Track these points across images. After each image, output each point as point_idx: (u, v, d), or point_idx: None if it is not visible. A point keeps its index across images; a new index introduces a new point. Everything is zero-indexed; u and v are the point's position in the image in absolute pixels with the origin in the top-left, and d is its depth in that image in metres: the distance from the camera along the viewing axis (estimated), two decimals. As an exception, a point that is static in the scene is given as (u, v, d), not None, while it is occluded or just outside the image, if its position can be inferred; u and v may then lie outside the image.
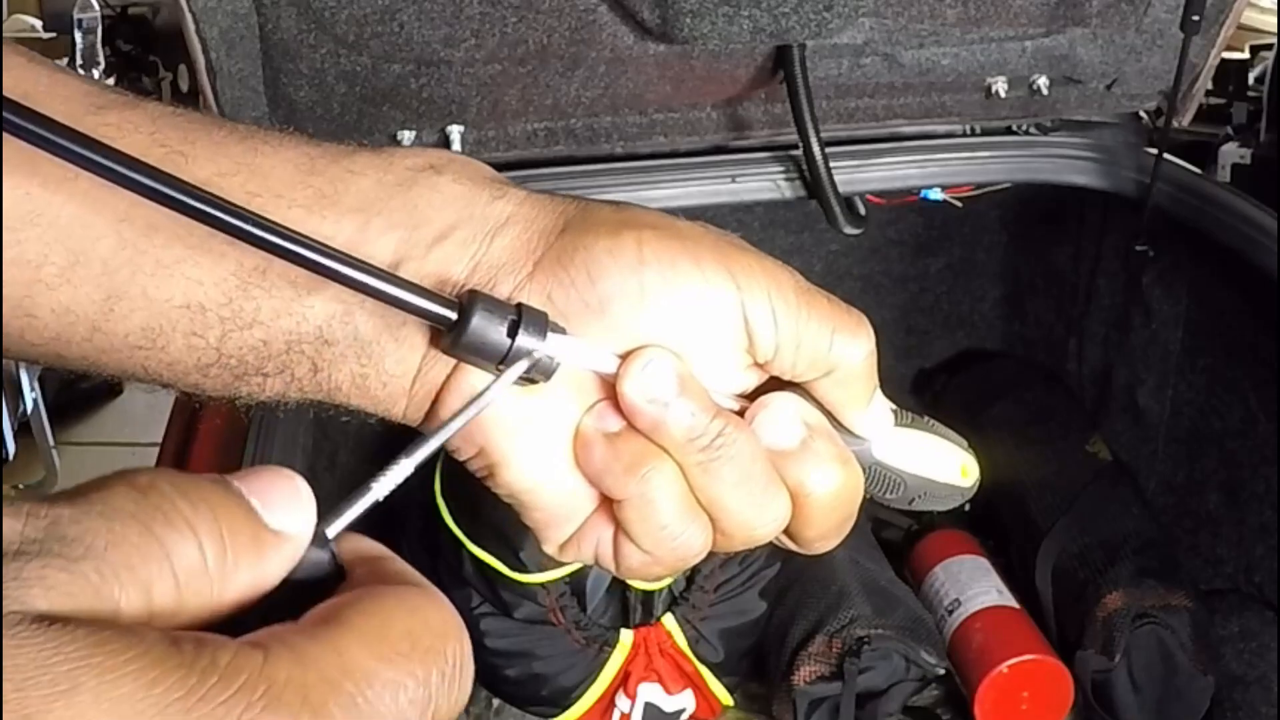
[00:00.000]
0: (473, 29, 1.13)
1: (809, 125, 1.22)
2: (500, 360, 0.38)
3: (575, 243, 0.39)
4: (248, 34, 1.10)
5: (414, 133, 1.24)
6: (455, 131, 1.25)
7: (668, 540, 0.40)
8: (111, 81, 1.68)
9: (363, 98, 1.18)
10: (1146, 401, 1.60)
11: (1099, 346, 1.72)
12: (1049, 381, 1.80)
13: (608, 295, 0.39)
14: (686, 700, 1.49)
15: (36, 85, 0.39)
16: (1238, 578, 1.44)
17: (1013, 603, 1.51)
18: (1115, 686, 1.38)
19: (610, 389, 0.40)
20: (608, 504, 0.41)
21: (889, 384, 0.41)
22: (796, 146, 1.28)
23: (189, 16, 1.03)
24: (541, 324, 0.38)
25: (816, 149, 1.24)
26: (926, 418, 0.45)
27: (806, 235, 1.78)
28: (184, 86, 1.69)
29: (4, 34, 1.70)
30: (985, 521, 1.66)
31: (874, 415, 0.43)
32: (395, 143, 1.24)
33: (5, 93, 0.34)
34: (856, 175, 1.36)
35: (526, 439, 0.40)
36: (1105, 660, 1.38)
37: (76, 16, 1.65)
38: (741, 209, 1.71)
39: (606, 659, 1.46)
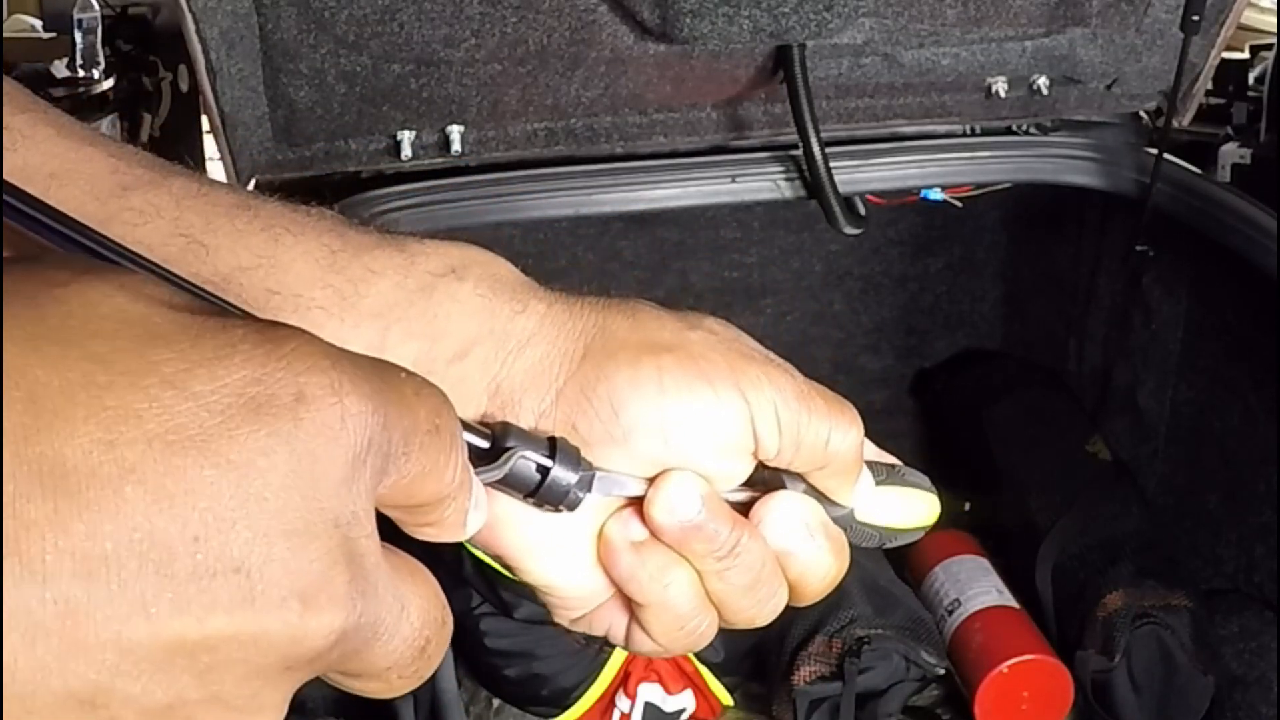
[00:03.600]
0: (473, 29, 1.13)
1: (809, 125, 1.22)
2: (530, 493, 0.39)
3: (597, 373, 0.41)
4: (248, 34, 1.10)
5: (414, 132, 1.24)
6: (455, 131, 1.25)
7: (681, 635, 0.43)
8: (111, 82, 1.68)
9: (363, 98, 1.18)
10: (1146, 401, 1.60)
11: (1099, 346, 1.72)
12: (1049, 381, 1.80)
13: (631, 427, 0.41)
14: (686, 700, 1.49)
15: (63, 163, 0.39)
16: (1238, 578, 1.44)
17: (1013, 603, 1.51)
18: (1115, 686, 1.38)
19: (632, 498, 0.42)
20: (622, 595, 0.43)
21: (888, 384, 0.42)
22: (796, 146, 1.28)
23: (189, 16, 1.03)
24: (574, 459, 0.39)
25: (816, 149, 1.24)
26: (897, 466, 0.47)
27: (806, 235, 1.78)
28: (184, 86, 1.69)
29: (4, 34, 1.69)
30: (985, 521, 1.66)
31: (859, 489, 0.45)
32: (395, 143, 1.24)
33: (33, 170, 0.36)
34: (856, 175, 1.36)
35: (546, 549, 0.42)
36: (1105, 660, 1.38)
37: (76, 16, 1.65)
38: (741, 209, 1.71)
39: (606, 659, 1.46)
